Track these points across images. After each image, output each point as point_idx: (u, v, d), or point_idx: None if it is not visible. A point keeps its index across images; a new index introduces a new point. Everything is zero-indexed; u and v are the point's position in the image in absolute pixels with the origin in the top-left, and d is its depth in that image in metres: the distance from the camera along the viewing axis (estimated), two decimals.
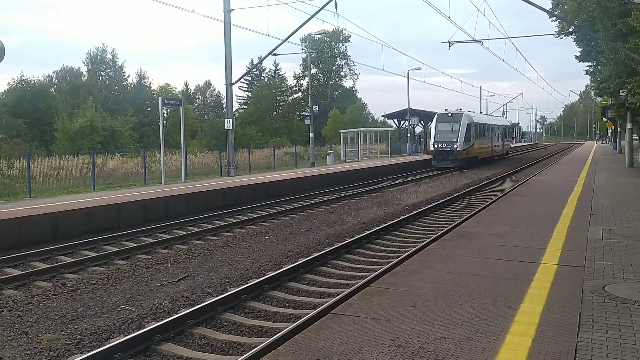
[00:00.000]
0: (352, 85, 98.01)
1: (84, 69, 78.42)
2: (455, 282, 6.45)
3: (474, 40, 28.08)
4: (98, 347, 6.07)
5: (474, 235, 9.37)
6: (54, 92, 70.47)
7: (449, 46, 28.38)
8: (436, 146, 36.62)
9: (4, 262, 10.34)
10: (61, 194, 18.50)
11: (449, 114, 36.84)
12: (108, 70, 78.87)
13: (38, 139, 55.20)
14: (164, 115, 40.01)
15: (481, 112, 50.81)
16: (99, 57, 77.62)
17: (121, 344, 5.99)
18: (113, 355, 5.78)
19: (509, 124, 56.04)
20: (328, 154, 39.85)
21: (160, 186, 20.79)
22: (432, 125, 38.24)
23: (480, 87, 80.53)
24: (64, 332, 6.78)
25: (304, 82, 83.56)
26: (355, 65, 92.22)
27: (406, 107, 50.89)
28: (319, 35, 60.77)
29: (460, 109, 38.32)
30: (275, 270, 9.29)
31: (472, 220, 11.72)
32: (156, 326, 6.50)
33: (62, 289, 8.69)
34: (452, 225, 12.95)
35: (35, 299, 8.20)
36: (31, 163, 20.42)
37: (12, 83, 64.41)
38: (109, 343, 6.15)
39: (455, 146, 35.69)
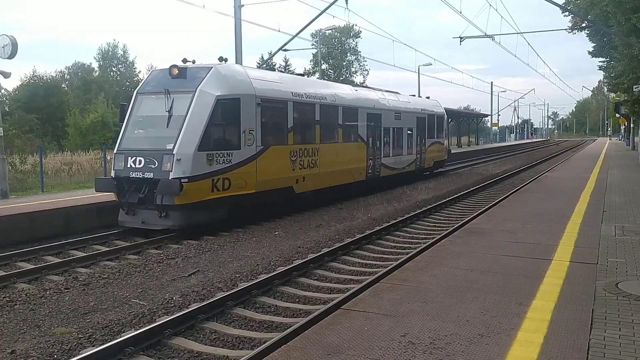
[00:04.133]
0: (362, 81, 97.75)
1: (95, 65, 78.95)
2: (466, 278, 6.42)
3: (486, 36, 27.90)
4: (110, 341, 6.11)
5: (484, 232, 9.33)
6: (65, 88, 71.03)
7: (461, 41, 28.24)
8: (120, 165, 12.73)
9: (17, 256, 10.43)
10: (73, 189, 18.62)
11: (173, 71, 12.92)
12: (119, 66, 79.30)
13: (50, 135, 55.65)
14: None
15: (403, 93, 25.41)
16: (110, 53, 78.05)
17: (132, 338, 6.03)
18: (124, 349, 5.82)
19: (436, 110, 27.32)
20: None
21: None
22: (130, 106, 13.78)
23: (492, 82, 79.86)
24: (76, 326, 6.83)
25: (315, 77, 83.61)
26: (365, 61, 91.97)
27: None
28: (330, 31, 60.67)
29: (214, 66, 13.21)
30: (286, 266, 9.31)
31: (483, 216, 11.67)
32: (167, 320, 6.53)
33: (74, 283, 8.75)
34: (462, 221, 12.90)
35: (48, 292, 8.26)
36: (43, 158, 20.53)
37: (25, 79, 65.03)
38: (121, 337, 6.18)
39: (166, 165, 12.02)
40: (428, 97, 28.33)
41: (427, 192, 20.47)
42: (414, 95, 26.04)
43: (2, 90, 64.41)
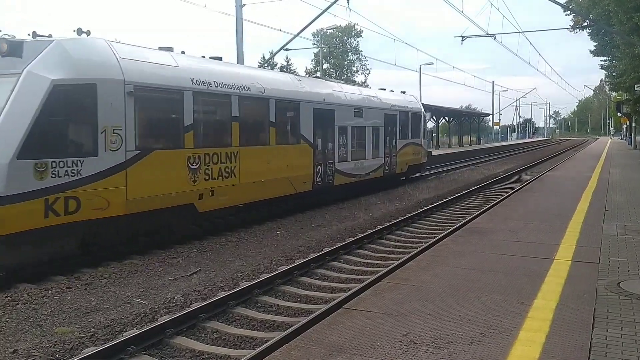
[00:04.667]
0: (364, 81, 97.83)
1: None
2: (468, 277, 6.42)
3: (488, 35, 27.89)
4: (111, 340, 6.12)
5: (486, 231, 9.33)
6: None
7: (462, 40, 28.23)
8: None
9: None
10: None
11: (2, 46, 9.15)
12: None
13: None
14: None
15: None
16: None
17: (134, 337, 6.04)
18: (126, 348, 5.83)
19: (412, 106, 23.74)
20: None
21: None
22: None
23: (493, 82, 79.94)
24: (78, 325, 6.84)
25: (318, 76, 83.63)
26: (367, 61, 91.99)
27: None
28: (331, 30, 60.67)
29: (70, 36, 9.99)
30: (287, 265, 9.31)
31: (485, 215, 11.67)
32: (169, 320, 6.54)
33: (76, 283, 8.76)
34: (464, 220, 12.89)
35: (50, 292, 8.27)
36: None
37: None
38: (122, 336, 6.20)
39: None
40: (404, 92, 24.60)
41: (428, 192, 20.47)
42: (384, 89, 23.06)
43: None
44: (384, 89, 23.09)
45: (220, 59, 13.62)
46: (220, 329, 6.71)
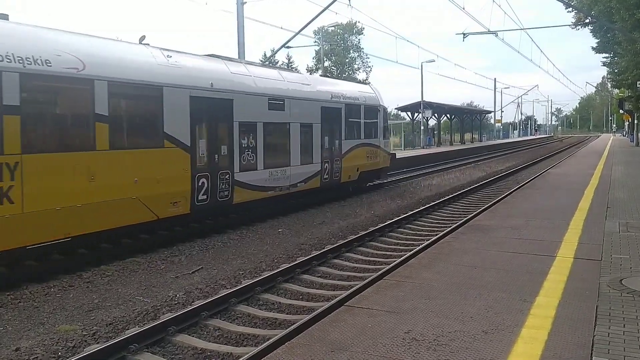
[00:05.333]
0: (365, 78, 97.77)
1: None
2: (470, 275, 6.41)
3: (489, 32, 27.82)
4: (114, 338, 6.13)
5: (488, 229, 9.32)
6: None
7: (464, 38, 28.16)
8: None
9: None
10: None
11: None
12: None
13: None
14: None
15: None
16: None
17: (136, 335, 6.05)
18: (128, 346, 5.84)
19: (363, 98, 18.83)
20: None
21: None
22: None
23: (495, 79, 79.80)
24: (80, 323, 6.86)
25: (317, 74, 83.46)
26: (368, 58, 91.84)
27: (420, 99, 50.63)
28: (332, 28, 60.57)
29: None
30: (289, 263, 9.31)
31: (487, 213, 11.65)
32: (171, 318, 6.55)
33: (78, 281, 8.77)
34: (466, 218, 12.88)
35: (52, 290, 8.29)
36: None
37: None
38: (125, 334, 6.21)
39: None
40: (365, 82, 19.00)
41: (430, 189, 20.46)
42: (328, 76, 17.61)
43: None
44: (326, 76, 16.45)
45: (6, 17, 8.98)
46: (223, 326, 6.72)
